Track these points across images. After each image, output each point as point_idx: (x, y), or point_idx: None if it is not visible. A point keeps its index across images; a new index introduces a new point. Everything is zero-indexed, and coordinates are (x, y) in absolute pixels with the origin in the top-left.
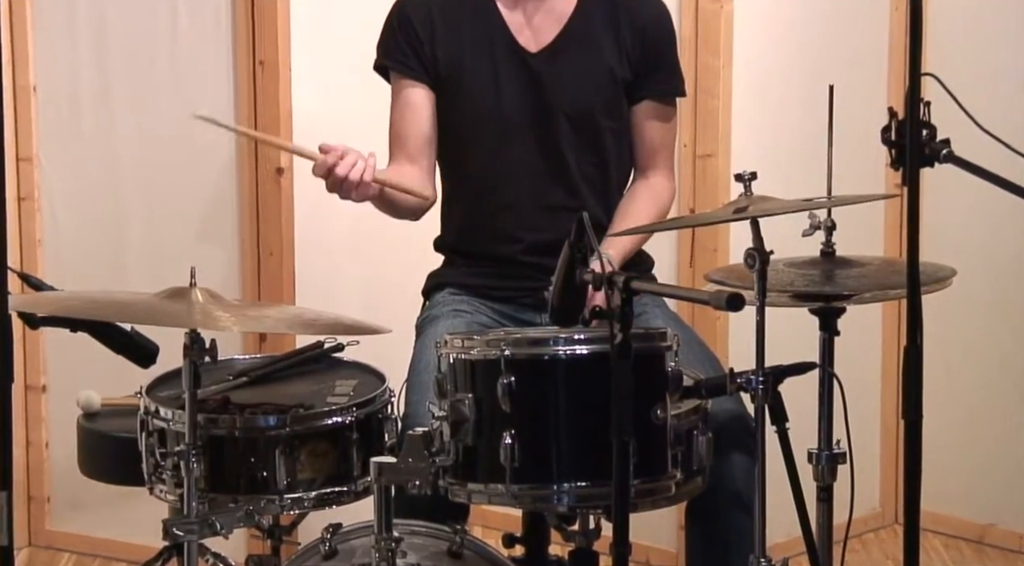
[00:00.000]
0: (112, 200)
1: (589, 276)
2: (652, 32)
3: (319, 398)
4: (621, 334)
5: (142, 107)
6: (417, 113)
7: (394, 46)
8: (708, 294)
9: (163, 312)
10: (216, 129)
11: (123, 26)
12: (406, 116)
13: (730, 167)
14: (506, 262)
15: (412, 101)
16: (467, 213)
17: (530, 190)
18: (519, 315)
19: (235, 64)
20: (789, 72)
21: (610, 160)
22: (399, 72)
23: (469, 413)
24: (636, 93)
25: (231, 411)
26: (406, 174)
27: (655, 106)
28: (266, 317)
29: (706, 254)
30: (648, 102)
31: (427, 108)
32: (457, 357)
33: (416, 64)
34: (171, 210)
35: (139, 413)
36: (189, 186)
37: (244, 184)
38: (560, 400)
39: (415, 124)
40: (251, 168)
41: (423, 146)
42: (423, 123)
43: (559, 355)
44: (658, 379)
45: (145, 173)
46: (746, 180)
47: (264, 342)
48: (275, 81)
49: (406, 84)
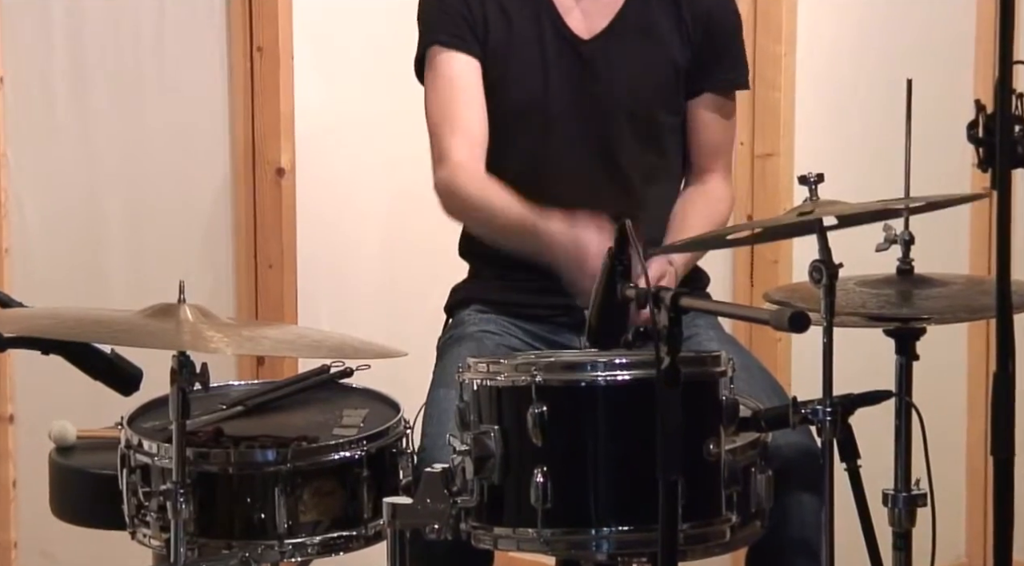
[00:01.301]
0: (90, 204)
1: (632, 292)
2: (717, 16)
3: (324, 430)
4: (669, 358)
5: (124, 99)
6: (476, 92)
7: (446, 22)
8: (768, 312)
9: (147, 332)
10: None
11: (102, 7)
12: (467, 94)
13: (793, 168)
14: (543, 275)
15: (470, 79)
16: None
17: (576, 192)
18: (555, 337)
19: (230, 50)
20: (861, 60)
21: (668, 159)
22: (454, 48)
23: (495, 447)
24: (695, 85)
25: (224, 444)
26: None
27: (716, 100)
28: (264, 338)
29: (765, 267)
30: (709, 95)
31: (482, 88)
32: (482, 384)
33: (471, 37)
34: (157, 216)
35: (119, 447)
36: (177, 188)
37: (240, 186)
38: (599, 433)
39: (476, 103)
40: (248, 168)
41: (486, 128)
42: (483, 107)
43: (598, 381)
44: (711, 409)
45: (127, 173)
46: (812, 183)
47: (262, 366)
48: (275, 70)
49: (462, 61)
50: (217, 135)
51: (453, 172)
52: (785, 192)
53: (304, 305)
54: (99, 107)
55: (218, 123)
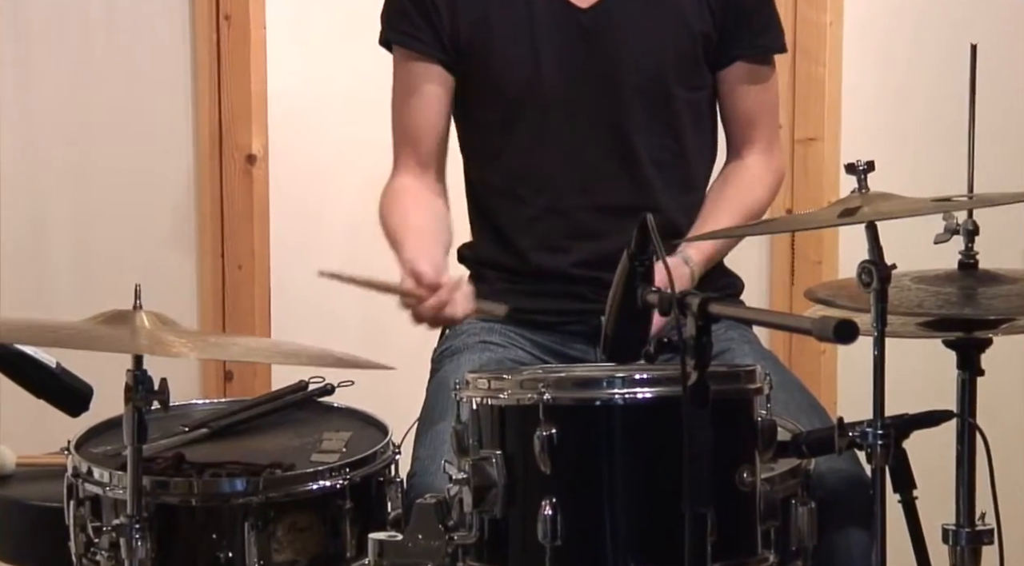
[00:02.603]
0: (31, 200)
1: (654, 297)
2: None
3: (301, 456)
4: (696, 373)
5: (71, 76)
6: (429, 104)
7: (399, 14)
8: (810, 321)
9: (98, 341)
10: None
11: None
12: (415, 107)
13: (839, 155)
14: (552, 278)
15: (423, 88)
16: (501, 216)
17: (583, 185)
18: (567, 348)
19: (193, 19)
20: (918, 30)
21: (688, 143)
22: (407, 48)
23: (497, 476)
24: (725, 54)
25: (187, 472)
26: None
27: (750, 68)
28: (233, 344)
29: (808, 268)
30: (741, 64)
31: (442, 97)
32: (482, 402)
33: (430, 37)
34: (109, 212)
35: (66, 475)
36: (132, 180)
37: (204, 176)
38: (616, 459)
39: (427, 117)
40: (214, 155)
41: (437, 145)
42: (437, 117)
43: (615, 400)
44: (744, 432)
45: (75, 163)
46: (860, 171)
47: (230, 383)
48: (244, 42)
49: (416, 65)
50: (178, 118)
51: (387, 183)
52: (829, 182)
53: (279, 312)
54: (42, 87)
55: (179, 104)
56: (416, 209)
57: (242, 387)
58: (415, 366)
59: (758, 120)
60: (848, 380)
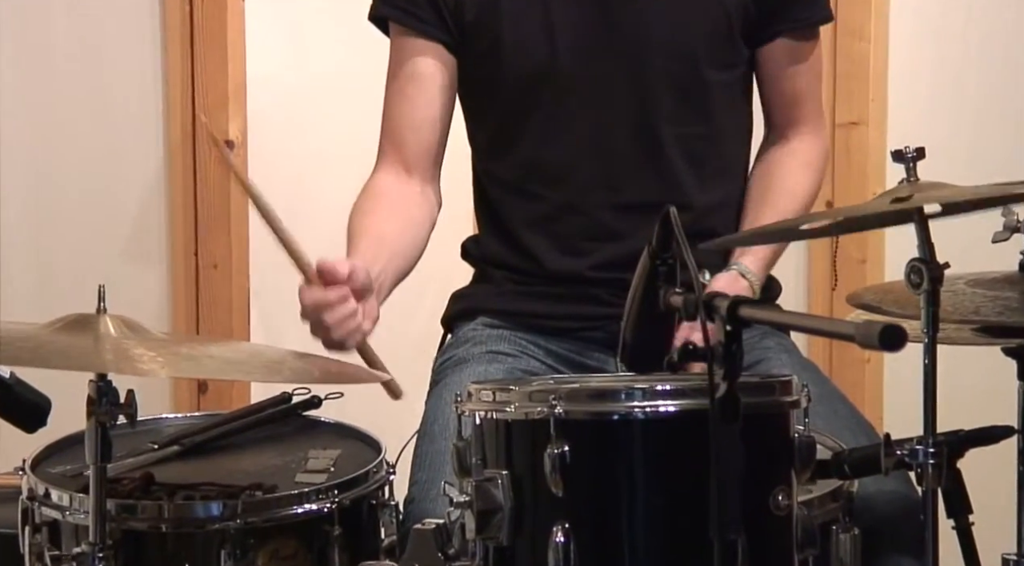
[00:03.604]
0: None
1: (678, 299)
2: None
3: (284, 476)
4: (725, 384)
5: (26, 54)
6: (424, 90)
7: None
8: (853, 325)
9: (57, 350)
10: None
11: None
12: (408, 95)
13: (885, 140)
14: (567, 281)
15: (418, 71)
16: (511, 213)
17: (603, 179)
18: (583, 357)
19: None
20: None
21: (722, 130)
22: (401, 24)
23: (503, 498)
24: (765, 29)
25: (156, 495)
26: (391, 200)
27: (793, 45)
28: (208, 357)
29: (851, 268)
30: (784, 40)
31: (441, 84)
32: (486, 417)
33: (429, 13)
34: (69, 204)
35: (20, 498)
36: (96, 169)
37: (176, 165)
38: (636, 479)
39: (419, 110)
40: (187, 141)
41: (428, 143)
42: (432, 108)
43: (634, 414)
44: (780, 450)
45: (30, 151)
46: (909, 159)
47: (204, 395)
48: (221, 16)
49: (411, 44)
50: (147, 101)
51: (368, 179)
52: (875, 171)
53: (259, 316)
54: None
55: (148, 85)
56: (384, 215)
57: (218, 399)
58: (413, 377)
59: (804, 99)
60: (896, 392)
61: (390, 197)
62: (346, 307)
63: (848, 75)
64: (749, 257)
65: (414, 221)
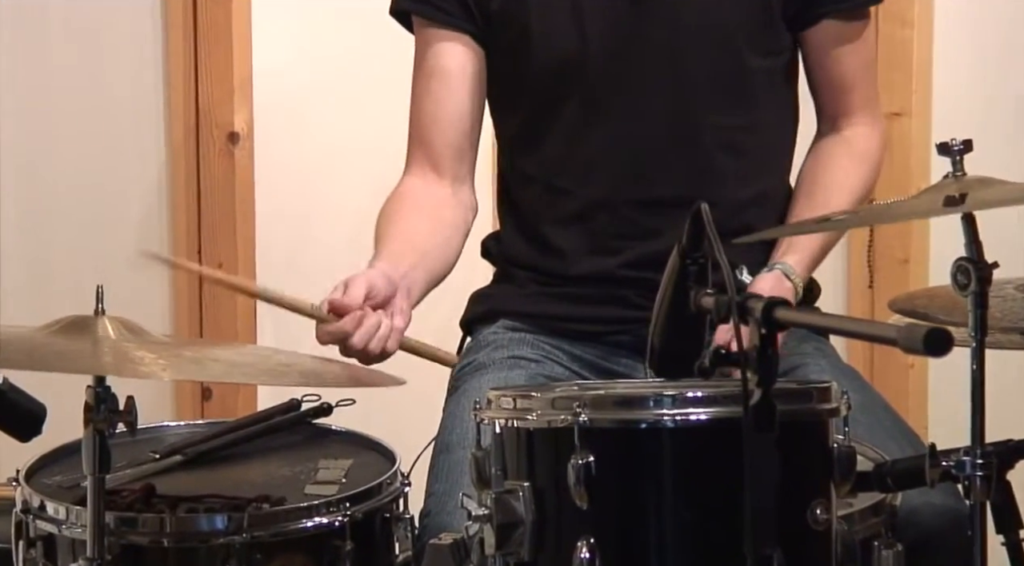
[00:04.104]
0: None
1: (709, 300)
2: None
3: (293, 488)
4: (760, 390)
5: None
6: (450, 85)
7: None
8: (895, 328)
9: (53, 353)
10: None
11: None
12: (433, 91)
13: (929, 132)
14: (594, 282)
15: (444, 65)
16: (536, 210)
17: (636, 174)
18: (610, 363)
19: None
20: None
21: (765, 120)
22: (425, 18)
23: (525, 511)
24: (810, 11)
25: (157, 507)
26: (418, 203)
27: (840, 26)
28: (212, 361)
29: (892, 268)
30: (830, 22)
31: (466, 75)
32: (507, 425)
33: (454, 5)
34: (66, 201)
35: (14, 511)
36: (93, 163)
37: (179, 158)
38: (665, 492)
39: (446, 105)
40: (190, 133)
41: (457, 141)
42: (458, 102)
43: (663, 422)
44: (818, 461)
45: (25, 145)
46: (955, 152)
47: (208, 402)
48: (225, 2)
49: (436, 38)
50: (148, 93)
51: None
52: (919, 165)
53: (265, 318)
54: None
55: (149, 77)
56: (411, 218)
57: (223, 406)
58: (429, 382)
59: (857, 84)
60: (941, 400)
61: (418, 200)
62: (368, 323)
63: (890, 63)
64: (793, 256)
65: (445, 223)
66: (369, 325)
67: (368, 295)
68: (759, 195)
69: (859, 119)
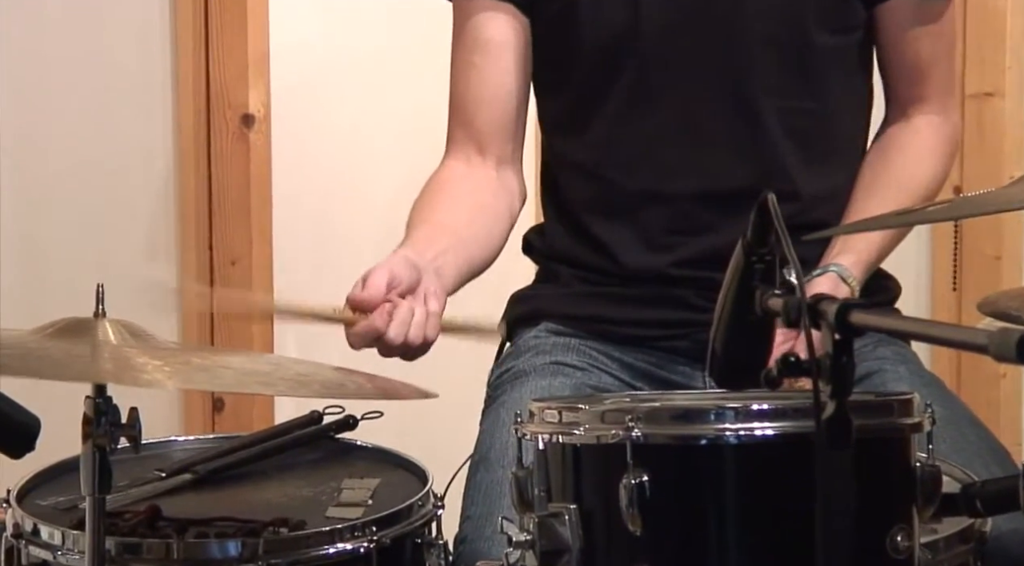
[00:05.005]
0: None
1: (777, 302)
2: None
3: (314, 510)
4: (834, 403)
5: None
6: (494, 58)
7: None
8: (986, 333)
9: (48, 358)
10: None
11: None
12: (476, 65)
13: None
14: (647, 281)
15: (486, 37)
16: (582, 200)
17: (692, 161)
18: (665, 371)
19: None
20: None
21: (834, 105)
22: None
23: (571, 537)
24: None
25: (164, 531)
26: (457, 188)
27: (918, 3)
28: (224, 369)
29: (982, 266)
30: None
31: (511, 47)
32: (551, 441)
33: None
34: (63, 191)
35: (4, 535)
36: (92, 147)
37: (188, 143)
38: (727, 515)
39: (489, 80)
40: (199, 115)
41: (502, 119)
42: (503, 76)
43: (725, 438)
44: (898, 481)
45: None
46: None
47: (221, 414)
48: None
49: (477, 6)
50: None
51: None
52: (1013, 149)
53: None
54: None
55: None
56: (447, 205)
57: (236, 419)
58: (464, 393)
59: (933, 69)
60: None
61: (456, 186)
62: (400, 314)
63: (981, 37)
64: (848, 256)
65: (487, 210)
66: (402, 315)
67: (390, 285)
68: (830, 188)
69: (932, 108)
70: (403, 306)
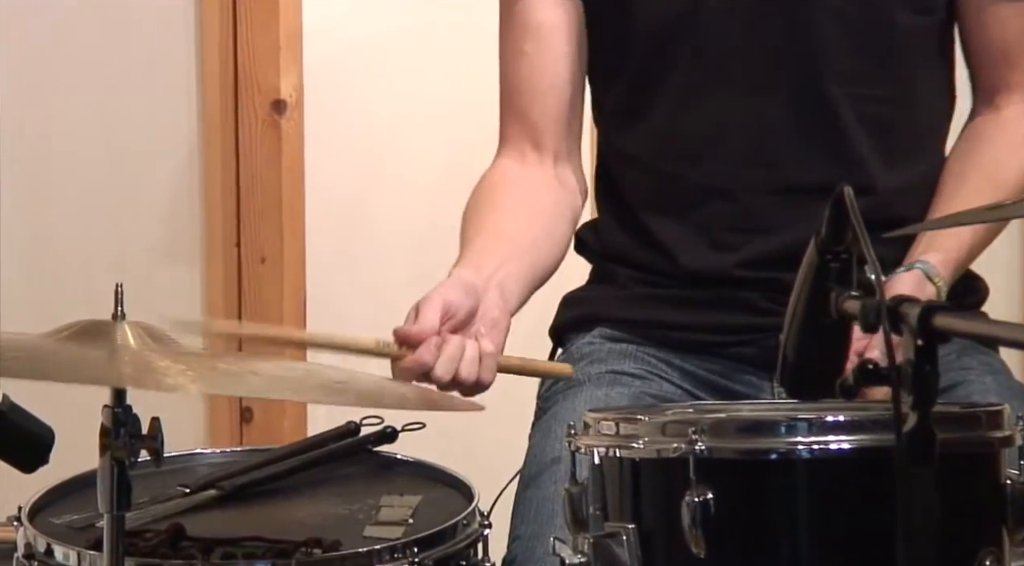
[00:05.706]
0: None
1: (854, 304)
2: None
3: (351, 529)
4: (917, 414)
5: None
6: (547, 45)
7: None
8: None
9: (63, 362)
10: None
11: None
12: (527, 53)
13: None
14: (711, 283)
15: (537, 22)
16: (640, 196)
17: (757, 153)
18: (730, 381)
19: None
20: None
21: (915, 92)
22: None
23: (629, 558)
24: None
25: (187, 552)
26: (511, 189)
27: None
28: (252, 375)
29: None
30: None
31: (564, 32)
32: (608, 455)
33: None
34: (80, 183)
35: (15, 556)
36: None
37: (213, 131)
38: (799, 536)
39: (542, 68)
40: (226, 101)
41: (557, 111)
42: (557, 64)
43: (798, 453)
44: (987, 500)
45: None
46: None
47: (249, 425)
48: None
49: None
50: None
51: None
52: None
53: (317, 323)
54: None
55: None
56: (503, 209)
57: (266, 431)
58: (513, 404)
59: (1019, 54)
60: None
61: (510, 186)
62: (449, 349)
63: None
64: (935, 254)
65: (545, 210)
66: (451, 351)
67: (445, 316)
68: (911, 183)
69: (1021, 95)
70: (453, 342)
